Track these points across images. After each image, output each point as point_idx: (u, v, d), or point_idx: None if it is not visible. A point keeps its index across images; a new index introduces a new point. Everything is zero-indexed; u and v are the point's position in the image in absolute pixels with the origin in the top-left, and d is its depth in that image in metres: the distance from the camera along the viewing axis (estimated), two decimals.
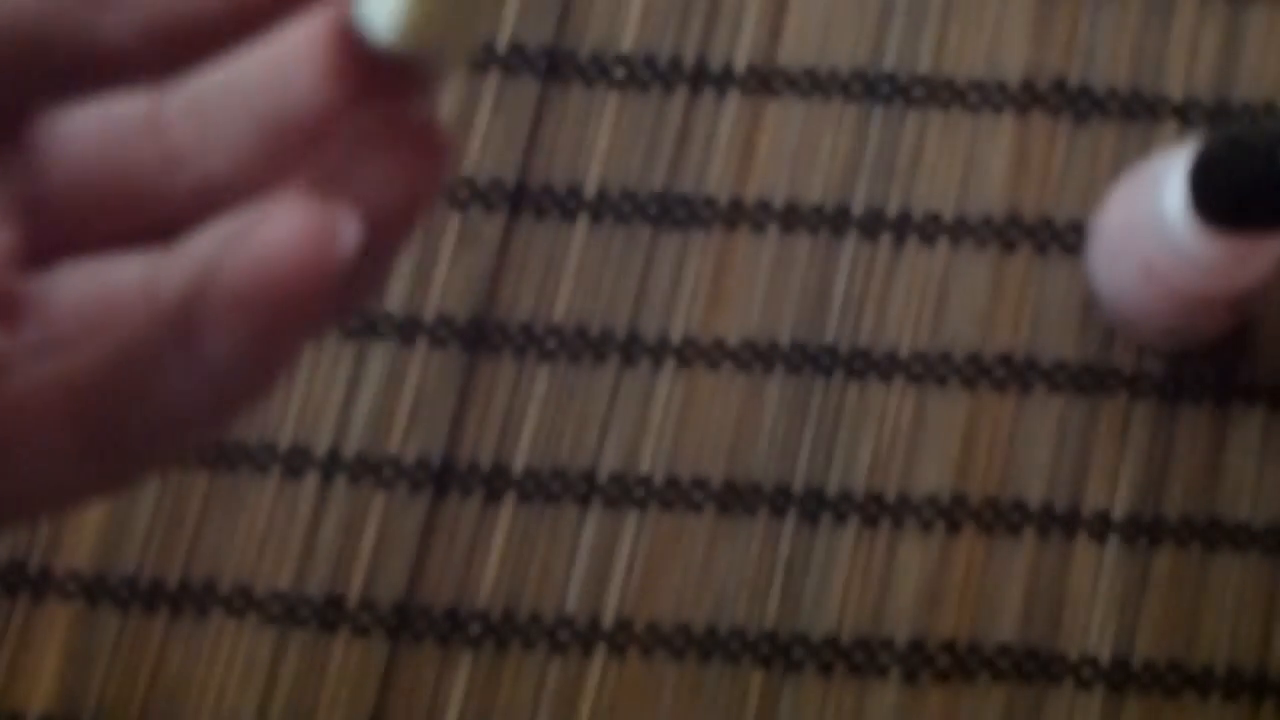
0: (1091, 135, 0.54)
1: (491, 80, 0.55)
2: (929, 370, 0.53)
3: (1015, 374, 0.53)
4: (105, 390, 0.22)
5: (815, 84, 0.55)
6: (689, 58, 0.55)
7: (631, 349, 0.53)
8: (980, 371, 0.53)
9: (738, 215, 0.54)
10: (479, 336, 0.53)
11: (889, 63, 0.55)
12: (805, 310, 0.53)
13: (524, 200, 0.54)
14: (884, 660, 0.51)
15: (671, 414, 0.53)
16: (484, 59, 0.55)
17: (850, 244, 0.54)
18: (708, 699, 0.51)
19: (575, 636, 0.51)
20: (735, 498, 0.52)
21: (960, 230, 0.54)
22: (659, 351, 0.53)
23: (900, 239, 0.54)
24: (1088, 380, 0.53)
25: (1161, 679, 0.51)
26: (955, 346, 0.53)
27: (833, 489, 0.52)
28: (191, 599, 0.51)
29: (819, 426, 0.52)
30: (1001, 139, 0.54)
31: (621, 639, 0.51)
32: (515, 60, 0.55)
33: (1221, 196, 0.44)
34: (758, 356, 0.53)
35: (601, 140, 0.55)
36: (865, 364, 0.53)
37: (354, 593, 0.52)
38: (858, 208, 0.54)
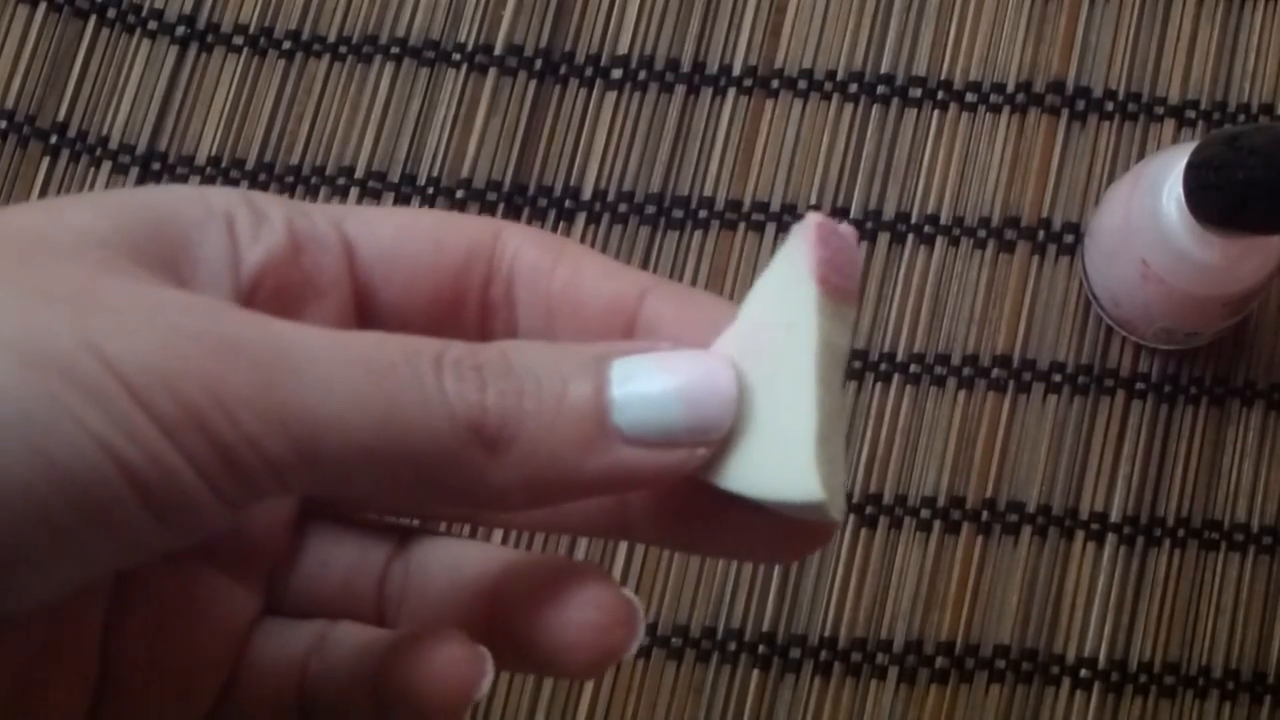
0: (1089, 136, 0.54)
1: (488, 81, 0.55)
2: (926, 371, 0.53)
3: (1013, 375, 0.53)
4: None
5: (813, 85, 0.55)
6: (687, 59, 0.55)
7: None
8: (978, 372, 0.53)
9: (735, 216, 0.54)
10: None
11: (887, 63, 0.55)
12: None
13: (521, 201, 0.54)
14: (882, 661, 0.51)
15: None
16: (481, 60, 0.55)
17: None
18: (706, 700, 0.51)
19: None
20: None
21: (958, 231, 0.54)
22: None
23: (898, 239, 0.54)
24: (1085, 381, 0.53)
25: (1158, 680, 0.51)
26: (953, 347, 0.53)
27: None
28: None
29: None
30: (999, 139, 0.54)
31: None
32: (512, 61, 0.55)
33: (1219, 197, 0.43)
34: None
35: (599, 141, 0.55)
36: (863, 365, 0.53)
37: None
38: (855, 209, 0.54)
